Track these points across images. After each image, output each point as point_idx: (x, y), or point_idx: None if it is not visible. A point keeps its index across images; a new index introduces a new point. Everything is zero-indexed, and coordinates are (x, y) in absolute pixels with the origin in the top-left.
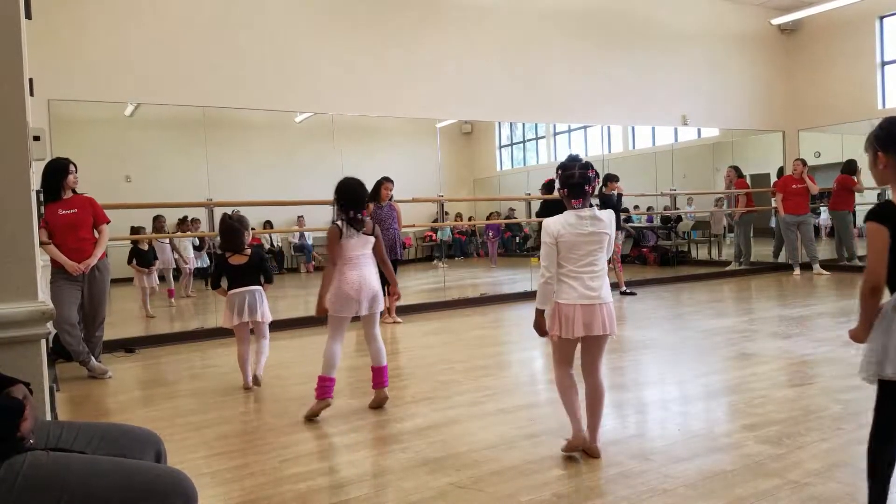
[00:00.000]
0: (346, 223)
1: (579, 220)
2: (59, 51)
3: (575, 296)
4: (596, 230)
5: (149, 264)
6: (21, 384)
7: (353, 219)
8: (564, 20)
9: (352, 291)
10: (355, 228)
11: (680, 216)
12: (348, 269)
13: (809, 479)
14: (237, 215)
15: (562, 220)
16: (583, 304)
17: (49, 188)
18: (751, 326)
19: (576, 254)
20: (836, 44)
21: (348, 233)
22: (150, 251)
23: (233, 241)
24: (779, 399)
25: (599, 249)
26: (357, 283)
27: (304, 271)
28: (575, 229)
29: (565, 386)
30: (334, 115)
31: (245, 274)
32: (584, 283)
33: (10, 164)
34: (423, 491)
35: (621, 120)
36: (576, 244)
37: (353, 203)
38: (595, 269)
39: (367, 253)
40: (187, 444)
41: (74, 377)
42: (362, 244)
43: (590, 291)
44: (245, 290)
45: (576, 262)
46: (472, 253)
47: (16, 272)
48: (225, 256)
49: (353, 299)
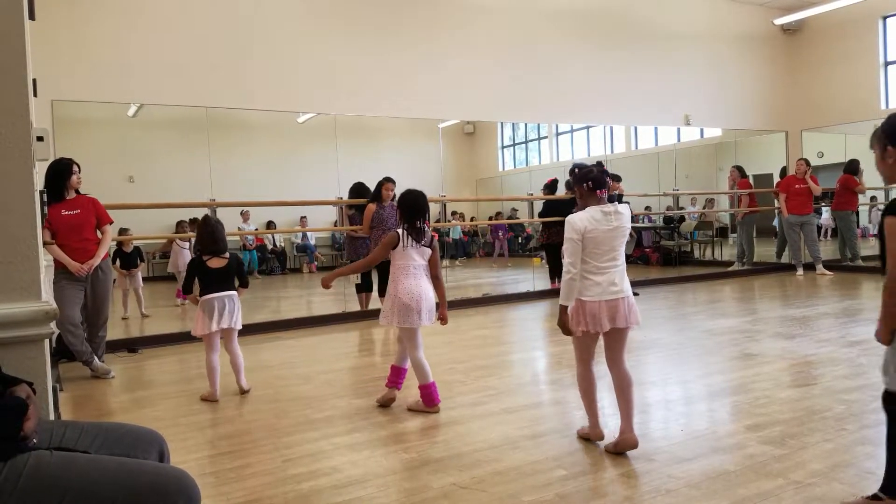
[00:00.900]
0: (406, 232)
1: (605, 216)
2: (62, 51)
3: (599, 291)
4: (620, 224)
5: (131, 266)
6: (24, 384)
7: (415, 228)
8: (567, 20)
9: (411, 301)
10: (415, 239)
11: (683, 216)
12: (404, 278)
13: (813, 480)
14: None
15: (587, 216)
16: (607, 300)
17: (52, 189)
18: (754, 327)
19: (601, 249)
20: (838, 44)
21: (407, 242)
22: (134, 253)
23: (216, 243)
24: (782, 399)
25: (621, 244)
26: (416, 293)
27: (307, 272)
28: (602, 224)
29: (588, 382)
30: (337, 115)
31: (223, 278)
32: (607, 278)
33: (14, 164)
34: (426, 491)
35: (624, 120)
36: (602, 239)
37: (416, 213)
38: (617, 262)
39: (423, 264)
40: (190, 444)
41: (77, 377)
42: (419, 254)
43: (613, 287)
44: (224, 295)
45: (600, 258)
46: (475, 253)
47: (19, 272)
48: (202, 259)
49: (413, 309)
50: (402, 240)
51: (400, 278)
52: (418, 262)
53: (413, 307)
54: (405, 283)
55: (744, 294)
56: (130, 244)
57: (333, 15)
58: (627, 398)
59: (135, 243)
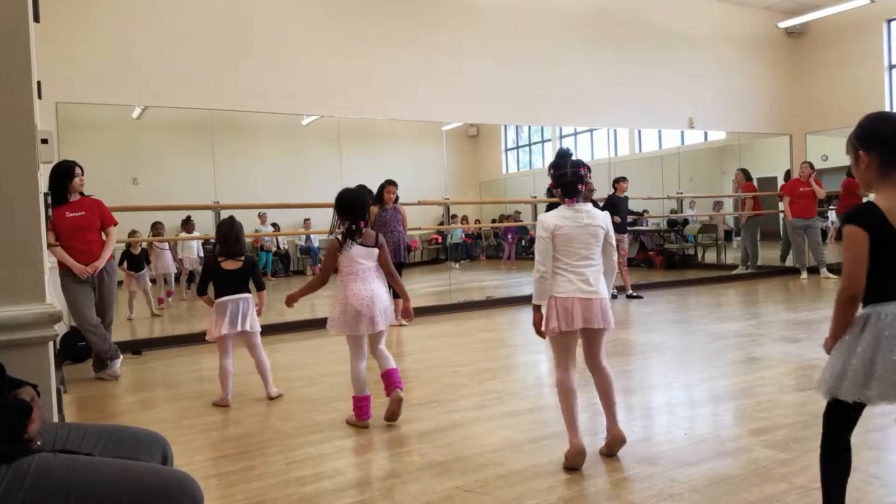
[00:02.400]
0: (344, 235)
1: (575, 213)
2: (67, 54)
3: (573, 289)
4: (592, 223)
5: (139, 268)
6: (29, 386)
7: (350, 230)
8: (571, 24)
9: (362, 307)
10: (353, 240)
11: (686, 219)
12: (353, 283)
13: (817, 485)
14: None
15: (558, 214)
16: (580, 297)
17: (55, 192)
18: (758, 330)
19: (573, 247)
20: (843, 47)
21: (347, 245)
22: (142, 255)
23: (235, 244)
24: (786, 403)
25: (596, 243)
26: (367, 296)
27: (311, 274)
28: (573, 221)
29: (566, 389)
30: (340, 117)
31: (238, 280)
32: (582, 277)
33: (19, 166)
34: (429, 494)
35: (628, 123)
36: (573, 237)
37: (353, 214)
38: (592, 262)
39: (373, 266)
40: (193, 447)
41: (81, 379)
42: (365, 256)
43: (587, 286)
44: (238, 298)
45: (573, 256)
46: (478, 255)
47: (24, 274)
48: (217, 261)
49: (364, 315)
50: (342, 244)
51: (348, 284)
52: (366, 264)
53: (364, 312)
54: (354, 287)
55: (748, 297)
56: (138, 246)
57: (338, 18)
58: (610, 398)
59: (143, 245)
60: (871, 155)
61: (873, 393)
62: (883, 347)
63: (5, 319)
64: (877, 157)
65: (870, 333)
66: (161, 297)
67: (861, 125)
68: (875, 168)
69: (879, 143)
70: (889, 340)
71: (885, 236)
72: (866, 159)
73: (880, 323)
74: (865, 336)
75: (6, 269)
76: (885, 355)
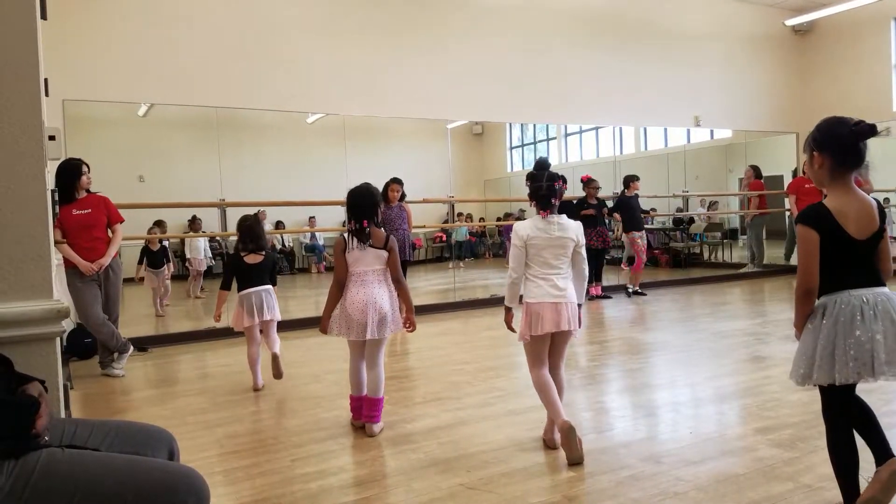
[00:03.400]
0: (351, 234)
1: (547, 225)
2: (73, 51)
3: (542, 293)
4: (563, 235)
5: (158, 265)
6: (36, 382)
7: (357, 230)
8: (576, 21)
9: (356, 313)
10: (361, 240)
11: (692, 218)
12: (353, 286)
13: (823, 484)
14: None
15: (531, 224)
16: (550, 301)
17: (63, 190)
18: (763, 329)
19: (543, 256)
20: (850, 45)
21: (353, 245)
22: (161, 252)
23: (256, 239)
24: (792, 402)
25: (565, 254)
26: (362, 303)
27: (315, 272)
28: (544, 233)
29: (542, 384)
30: (345, 115)
31: (259, 273)
32: (551, 283)
33: (26, 163)
34: (434, 492)
35: (633, 121)
36: (544, 247)
37: (357, 212)
38: (561, 271)
39: (379, 269)
40: (199, 443)
41: (88, 375)
42: (372, 258)
43: (556, 291)
44: (261, 290)
45: (543, 265)
46: (483, 254)
47: (31, 271)
48: (240, 255)
49: (357, 322)
50: (347, 243)
51: (350, 286)
52: (373, 267)
53: (356, 319)
54: (353, 291)
55: (753, 296)
56: (157, 243)
57: (343, 16)
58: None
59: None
60: (825, 156)
61: (840, 374)
62: (840, 332)
63: (13, 315)
64: (829, 159)
65: (829, 320)
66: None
67: (818, 127)
68: (827, 168)
69: (833, 145)
70: (844, 325)
71: (834, 235)
72: (819, 160)
73: (835, 310)
74: (826, 323)
75: (14, 266)
76: (844, 339)
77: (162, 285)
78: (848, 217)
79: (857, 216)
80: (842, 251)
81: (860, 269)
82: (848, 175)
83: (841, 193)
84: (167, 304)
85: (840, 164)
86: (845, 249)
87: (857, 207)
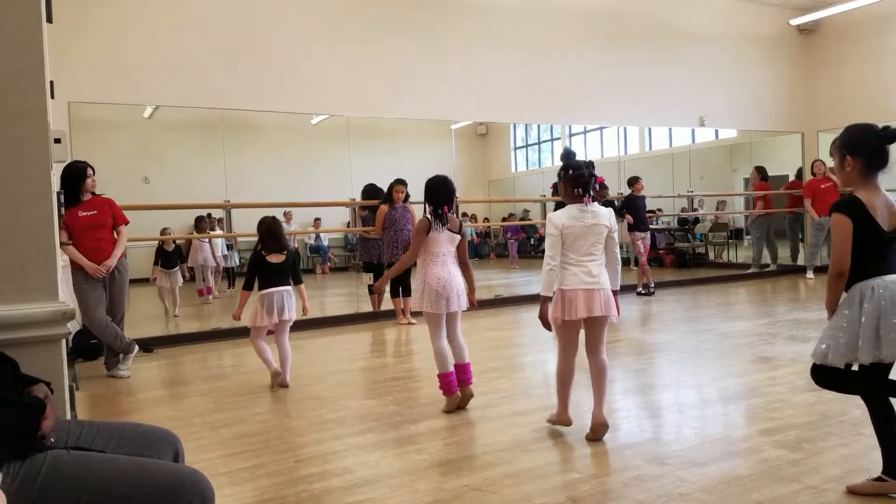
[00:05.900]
0: (433, 217)
1: (581, 213)
2: (79, 54)
3: (577, 281)
4: (597, 222)
5: (172, 265)
6: (42, 383)
7: (439, 214)
8: (580, 21)
9: (439, 288)
10: (441, 223)
11: (697, 218)
12: (433, 265)
13: (828, 485)
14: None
15: (566, 213)
16: (584, 288)
17: (68, 192)
18: (769, 330)
19: (579, 244)
20: (855, 44)
21: (436, 227)
22: (175, 252)
23: (277, 240)
24: (797, 403)
25: (599, 241)
26: (445, 279)
27: (320, 272)
28: (579, 221)
29: (565, 372)
30: (350, 116)
31: (281, 272)
32: (585, 269)
33: (32, 165)
34: (438, 493)
35: (638, 121)
36: (580, 235)
37: (438, 199)
38: (595, 257)
39: (451, 250)
40: (204, 444)
41: (94, 376)
42: (448, 240)
43: (590, 278)
44: (282, 290)
45: (578, 252)
46: (487, 254)
47: (37, 273)
48: (263, 254)
49: (442, 296)
50: (432, 225)
51: (429, 265)
52: (447, 248)
53: (442, 294)
54: (434, 269)
55: (758, 296)
56: (171, 243)
57: (347, 17)
58: (601, 385)
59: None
60: (856, 160)
61: (885, 352)
62: (884, 313)
63: (19, 317)
64: (861, 162)
65: (870, 304)
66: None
67: (848, 133)
68: (858, 171)
69: (864, 150)
70: (885, 308)
71: (867, 224)
72: (851, 163)
73: (875, 294)
74: (866, 307)
75: (20, 268)
76: (886, 320)
77: (172, 285)
78: (877, 210)
79: (883, 210)
80: (873, 240)
81: (890, 258)
82: (874, 175)
83: (871, 191)
84: (177, 314)
85: (869, 166)
86: (876, 239)
87: (883, 203)
